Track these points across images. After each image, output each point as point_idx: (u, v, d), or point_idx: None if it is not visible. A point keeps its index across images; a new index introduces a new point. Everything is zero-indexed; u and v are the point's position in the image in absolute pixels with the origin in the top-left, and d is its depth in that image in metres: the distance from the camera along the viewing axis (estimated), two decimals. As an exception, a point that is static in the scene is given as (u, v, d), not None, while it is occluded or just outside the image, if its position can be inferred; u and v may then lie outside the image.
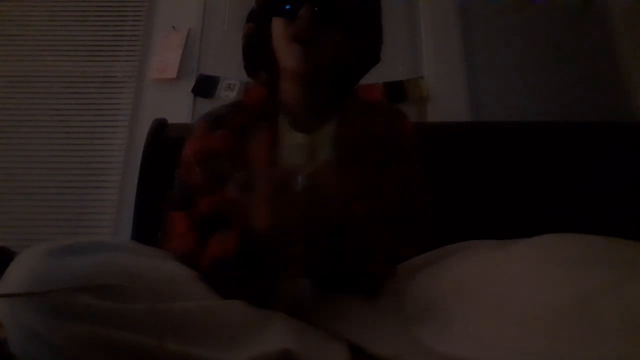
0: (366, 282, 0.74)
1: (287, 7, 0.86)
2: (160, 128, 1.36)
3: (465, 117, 1.62)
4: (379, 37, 1.01)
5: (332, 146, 0.89)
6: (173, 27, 1.82)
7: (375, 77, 1.14)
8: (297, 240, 0.72)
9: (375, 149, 0.91)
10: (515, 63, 1.70)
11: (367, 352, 0.67)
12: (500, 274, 0.59)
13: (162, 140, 1.33)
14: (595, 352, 0.46)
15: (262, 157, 0.87)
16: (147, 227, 1.23)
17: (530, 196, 1.27)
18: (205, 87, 1.72)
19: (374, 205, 0.83)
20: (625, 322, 0.46)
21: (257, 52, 0.98)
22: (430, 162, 0.98)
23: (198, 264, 0.75)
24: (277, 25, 0.89)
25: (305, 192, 0.67)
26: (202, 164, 0.90)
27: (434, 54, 1.72)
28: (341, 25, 0.88)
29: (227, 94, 1.69)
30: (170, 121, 1.40)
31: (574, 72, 1.66)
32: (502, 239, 0.68)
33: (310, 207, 0.67)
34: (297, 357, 0.60)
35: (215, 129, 0.93)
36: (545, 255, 0.56)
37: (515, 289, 0.56)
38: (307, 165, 0.68)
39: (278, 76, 0.96)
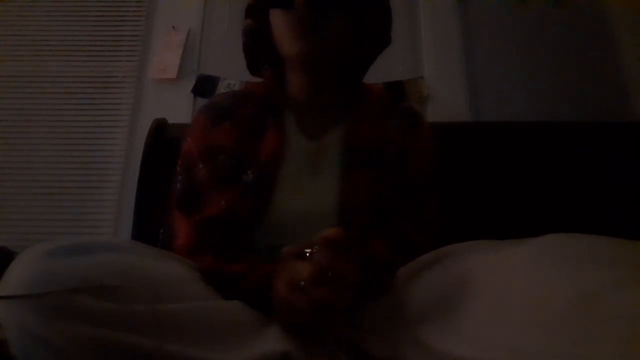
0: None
1: (286, 2, 0.85)
2: (160, 128, 1.36)
3: (465, 117, 1.62)
4: (387, 17, 0.98)
5: (340, 152, 0.88)
6: (173, 27, 1.82)
7: (375, 77, 1.13)
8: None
9: (385, 151, 0.90)
10: (515, 63, 1.70)
11: (368, 353, 0.67)
12: (501, 274, 0.59)
13: (162, 140, 1.33)
14: (597, 353, 0.45)
15: (268, 155, 0.86)
16: (147, 227, 1.23)
17: (530, 196, 1.27)
18: (205, 87, 1.72)
19: (390, 225, 0.83)
20: (627, 323, 0.46)
21: (258, 48, 0.96)
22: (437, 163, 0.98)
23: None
24: (276, 16, 0.89)
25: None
26: (206, 159, 0.88)
27: (434, 54, 1.72)
28: (341, 8, 0.87)
29: (227, 94, 1.69)
30: (170, 121, 1.40)
31: (574, 72, 1.67)
32: (502, 239, 0.67)
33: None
34: (296, 359, 0.60)
35: (219, 123, 0.91)
36: (547, 255, 0.56)
37: (516, 289, 0.55)
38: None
39: (284, 70, 0.96)
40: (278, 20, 0.88)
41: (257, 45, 0.96)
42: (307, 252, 0.64)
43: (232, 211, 0.82)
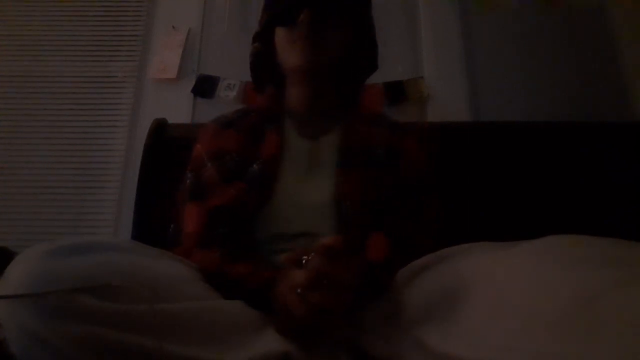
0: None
1: (290, 21, 0.93)
2: (160, 128, 1.36)
3: (465, 117, 1.62)
4: (374, 43, 1.06)
5: (336, 151, 0.93)
6: (173, 27, 1.82)
7: (375, 77, 1.14)
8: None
9: (380, 152, 0.94)
10: (515, 63, 1.70)
11: (368, 353, 0.67)
12: (502, 274, 0.59)
13: (162, 140, 1.33)
14: (599, 353, 0.45)
15: (269, 154, 0.92)
16: (147, 227, 1.23)
17: (530, 196, 1.27)
18: (205, 87, 1.72)
19: (389, 226, 0.85)
20: (628, 322, 0.46)
21: (263, 67, 1.06)
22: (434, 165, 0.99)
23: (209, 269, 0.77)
24: (280, 35, 0.97)
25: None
26: (213, 161, 0.95)
27: (434, 54, 1.72)
28: (341, 25, 0.96)
29: (227, 94, 1.69)
30: (170, 121, 1.40)
31: (574, 72, 1.66)
32: (502, 240, 0.67)
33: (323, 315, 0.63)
34: (296, 359, 0.60)
35: (226, 129, 1.00)
36: (548, 256, 0.56)
37: (517, 289, 0.55)
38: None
39: (284, 86, 1.03)
40: (282, 37, 0.96)
41: (262, 65, 1.06)
42: (304, 260, 0.65)
43: (238, 203, 0.87)
